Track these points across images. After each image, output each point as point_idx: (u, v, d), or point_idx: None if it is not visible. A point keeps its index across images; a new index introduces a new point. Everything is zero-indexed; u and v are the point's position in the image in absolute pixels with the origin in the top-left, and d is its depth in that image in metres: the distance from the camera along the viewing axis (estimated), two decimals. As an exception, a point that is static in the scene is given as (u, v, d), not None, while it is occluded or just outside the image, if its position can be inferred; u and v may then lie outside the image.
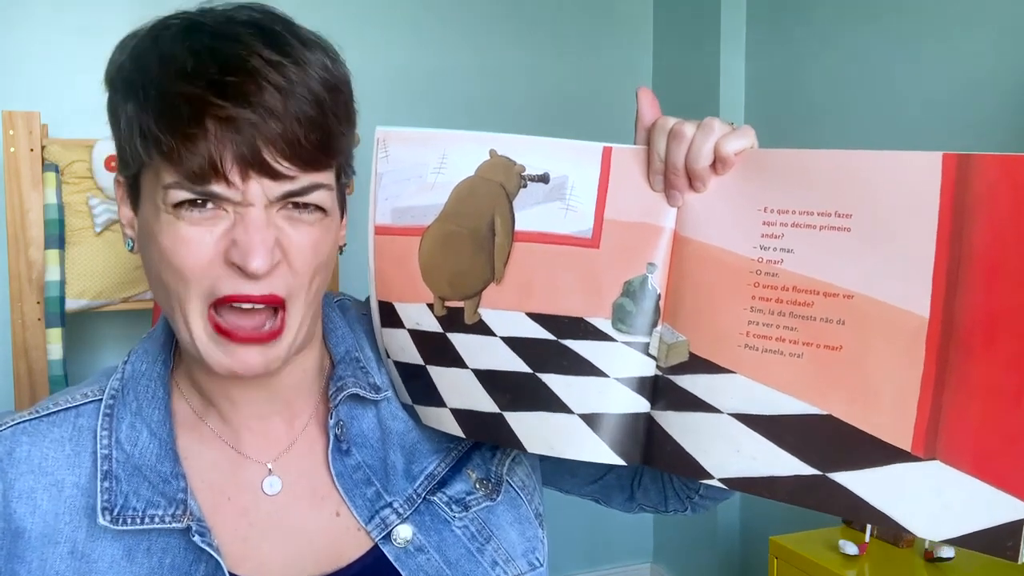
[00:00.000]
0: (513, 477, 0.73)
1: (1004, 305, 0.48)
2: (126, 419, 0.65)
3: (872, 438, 0.52)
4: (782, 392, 0.55)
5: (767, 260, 0.56)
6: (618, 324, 0.61)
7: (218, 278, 0.58)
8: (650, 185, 0.61)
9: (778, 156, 0.56)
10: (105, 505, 0.61)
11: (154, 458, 0.63)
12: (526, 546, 0.71)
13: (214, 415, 0.68)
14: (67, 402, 0.67)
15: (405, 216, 0.67)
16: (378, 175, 0.69)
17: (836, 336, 0.53)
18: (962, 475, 0.49)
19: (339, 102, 0.61)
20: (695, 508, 0.83)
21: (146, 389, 0.66)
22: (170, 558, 0.62)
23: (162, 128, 0.56)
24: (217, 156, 0.55)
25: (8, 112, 1.83)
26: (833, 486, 0.53)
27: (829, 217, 0.54)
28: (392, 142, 0.68)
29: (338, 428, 0.68)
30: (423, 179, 0.66)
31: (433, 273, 0.67)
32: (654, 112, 0.62)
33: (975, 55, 1.81)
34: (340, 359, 0.70)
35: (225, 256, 0.58)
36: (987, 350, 0.48)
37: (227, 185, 0.56)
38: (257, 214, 0.57)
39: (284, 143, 0.57)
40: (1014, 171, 0.48)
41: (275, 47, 0.57)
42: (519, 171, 0.64)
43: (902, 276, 0.51)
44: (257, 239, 0.57)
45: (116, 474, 0.63)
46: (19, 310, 1.89)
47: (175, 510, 0.62)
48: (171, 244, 0.58)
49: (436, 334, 0.67)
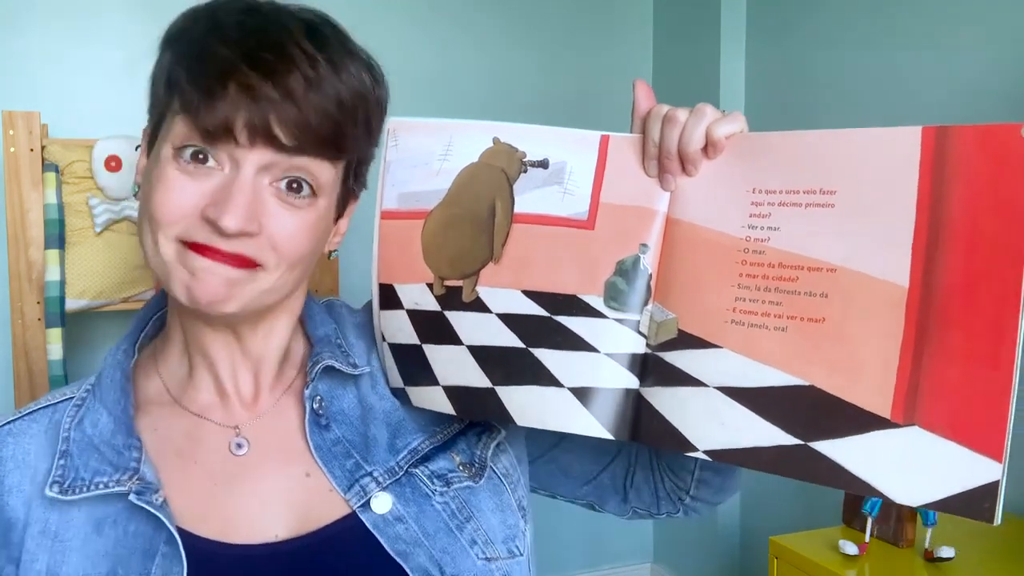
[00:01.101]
0: (497, 464, 0.73)
1: (981, 271, 0.49)
2: (93, 407, 0.68)
3: (853, 407, 0.53)
4: (766, 364, 0.56)
5: (754, 239, 0.58)
6: (610, 302, 0.63)
7: (191, 226, 0.61)
8: (645, 170, 0.63)
9: (766, 139, 0.59)
10: (56, 479, 0.64)
11: (108, 434, 0.66)
12: (507, 533, 0.70)
13: (191, 393, 0.70)
14: (47, 400, 0.70)
15: (410, 201, 0.70)
16: (387, 163, 0.71)
17: (819, 309, 0.55)
18: (940, 439, 0.50)
19: (362, 111, 0.64)
20: (687, 511, 0.84)
21: (108, 376, 0.69)
22: (134, 526, 0.63)
23: (190, 80, 0.59)
24: (232, 117, 0.59)
25: (8, 112, 1.83)
26: (815, 455, 0.54)
27: (814, 195, 0.56)
28: (402, 132, 0.71)
29: (316, 402, 0.69)
30: (429, 165, 0.69)
31: (434, 254, 0.69)
32: (649, 101, 0.64)
33: (974, 52, 1.81)
34: (319, 340, 0.72)
35: (202, 211, 0.60)
36: (965, 316, 0.50)
37: (235, 144, 0.59)
38: (246, 178, 0.60)
39: (295, 125, 0.60)
40: (990, 140, 0.50)
41: (317, 44, 0.61)
42: (520, 157, 0.67)
43: (883, 248, 0.52)
44: (239, 199, 0.59)
45: (70, 452, 0.65)
46: (19, 310, 1.89)
47: (120, 475, 0.63)
48: (161, 186, 0.61)
49: (434, 312, 0.69)
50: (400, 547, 0.65)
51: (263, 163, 0.60)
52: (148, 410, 0.69)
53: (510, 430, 0.76)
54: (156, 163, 0.62)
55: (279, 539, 0.65)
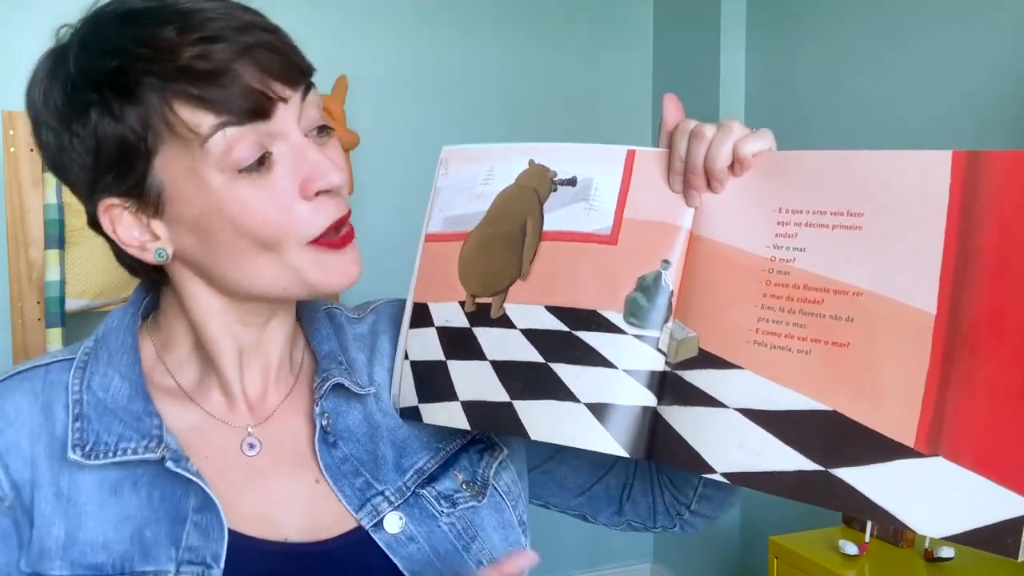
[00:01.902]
0: (499, 481, 0.73)
1: (1010, 302, 0.48)
2: (98, 371, 0.66)
3: (876, 434, 0.52)
4: (788, 388, 0.56)
5: (780, 259, 0.57)
6: (630, 318, 0.62)
7: (302, 220, 0.60)
8: (670, 186, 0.63)
9: (794, 158, 0.58)
10: (76, 442, 0.62)
11: (125, 399, 0.64)
12: (508, 551, 0.70)
13: (201, 392, 0.69)
14: (35, 362, 0.68)
15: (453, 224, 0.71)
16: (436, 189, 0.73)
17: (844, 333, 0.54)
18: (964, 471, 0.49)
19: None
20: (684, 526, 0.83)
21: (116, 340, 0.67)
22: (159, 491, 0.62)
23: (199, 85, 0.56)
24: (257, 81, 0.57)
25: (8, 112, 1.83)
26: (835, 482, 0.53)
27: (841, 216, 0.55)
28: (452, 160, 0.73)
29: (324, 419, 0.68)
30: (472, 190, 0.71)
31: (468, 272, 0.70)
32: (677, 115, 0.64)
33: (974, 52, 1.81)
34: (323, 356, 0.72)
35: (303, 192, 0.60)
36: (992, 347, 0.49)
37: (279, 103, 0.59)
38: (303, 141, 0.60)
39: (292, 52, 0.61)
40: (1023, 167, 0.48)
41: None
42: (551, 177, 0.68)
43: (910, 273, 0.52)
44: (322, 157, 0.60)
45: (87, 415, 0.63)
46: (19, 310, 1.89)
47: (148, 442, 0.62)
48: (241, 208, 0.58)
49: (463, 329, 0.69)
50: (414, 567, 0.65)
51: (298, 119, 0.60)
52: (157, 397, 0.67)
53: (512, 446, 0.76)
54: (208, 191, 0.58)
55: (289, 540, 0.65)
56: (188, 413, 0.68)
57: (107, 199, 0.61)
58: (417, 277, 0.73)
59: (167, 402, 0.68)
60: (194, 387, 0.69)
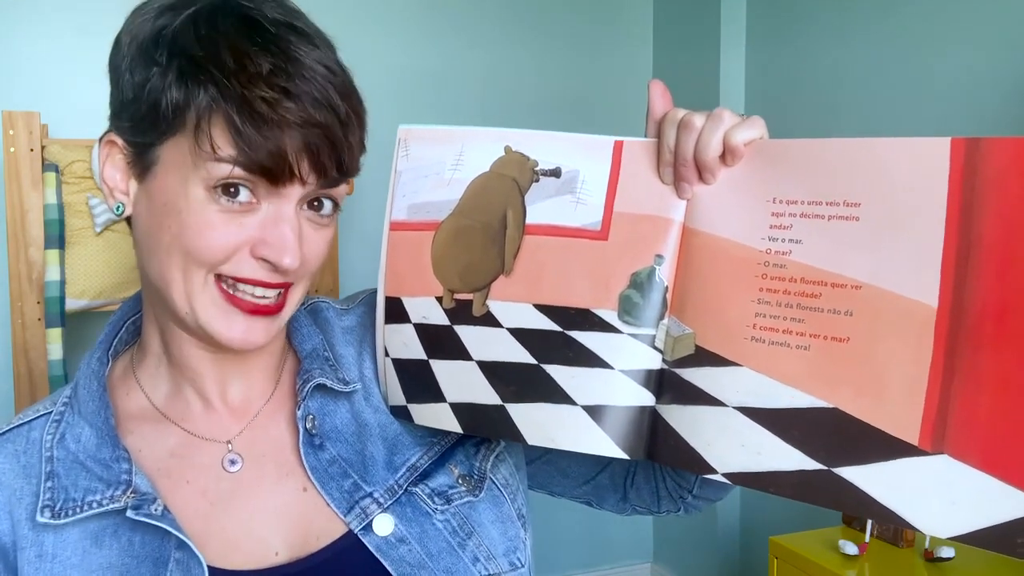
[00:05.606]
0: (496, 475, 0.72)
1: (1014, 294, 0.47)
2: (73, 422, 0.66)
3: (879, 432, 0.51)
4: (788, 385, 0.54)
5: (775, 251, 0.55)
6: (624, 316, 0.60)
7: (239, 262, 0.60)
8: (660, 178, 0.61)
9: (787, 146, 0.56)
10: (46, 504, 0.62)
11: (93, 447, 0.64)
12: (507, 545, 0.70)
13: (177, 405, 0.68)
14: (20, 419, 0.68)
15: (420, 212, 0.68)
16: (397, 173, 0.70)
17: (844, 328, 0.52)
18: (971, 470, 0.48)
19: (362, 125, 0.65)
20: (687, 509, 0.82)
21: (84, 387, 0.67)
22: (139, 535, 0.62)
23: (243, 120, 0.57)
24: (292, 153, 0.58)
25: (8, 112, 1.83)
26: (839, 481, 0.52)
27: (838, 207, 0.53)
28: (413, 140, 0.69)
29: (308, 421, 0.67)
30: (440, 176, 0.67)
31: (444, 266, 0.67)
32: (665, 104, 0.61)
33: (974, 51, 1.81)
34: (307, 355, 0.71)
35: (252, 250, 0.60)
36: (997, 341, 0.47)
37: (296, 181, 0.59)
38: (292, 213, 0.60)
39: (339, 157, 0.60)
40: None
41: (329, 58, 0.62)
42: (532, 166, 0.64)
43: (911, 265, 0.50)
44: (292, 239, 0.60)
45: (56, 472, 0.63)
46: (19, 310, 1.89)
47: (114, 491, 0.62)
48: (197, 226, 0.59)
49: (443, 327, 0.67)
50: (404, 570, 0.64)
51: (303, 195, 0.61)
52: (131, 428, 0.67)
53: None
54: (183, 197, 0.59)
55: (279, 558, 0.64)
56: (166, 436, 0.68)
57: (117, 137, 0.63)
58: (386, 269, 0.70)
59: (144, 429, 0.67)
60: (169, 401, 0.69)
